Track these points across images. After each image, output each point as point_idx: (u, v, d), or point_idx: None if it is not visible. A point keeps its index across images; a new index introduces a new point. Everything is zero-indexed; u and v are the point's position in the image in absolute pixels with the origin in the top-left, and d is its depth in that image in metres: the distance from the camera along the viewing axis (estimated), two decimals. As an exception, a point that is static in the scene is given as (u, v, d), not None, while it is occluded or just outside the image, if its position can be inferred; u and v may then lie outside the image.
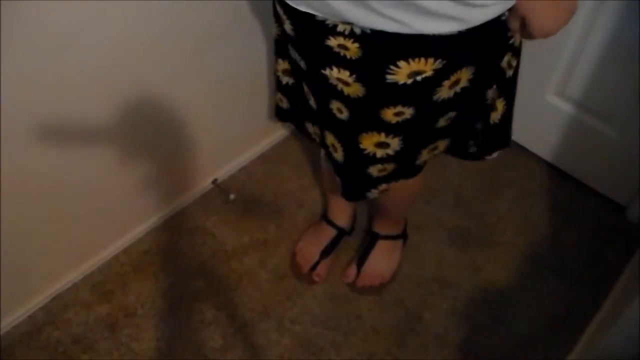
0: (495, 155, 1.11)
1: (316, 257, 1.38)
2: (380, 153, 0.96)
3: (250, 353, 1.27)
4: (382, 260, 1.37)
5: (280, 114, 1.20)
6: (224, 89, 1.38)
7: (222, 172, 1.57)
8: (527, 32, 0.80)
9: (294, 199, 1.54)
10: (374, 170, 1.01)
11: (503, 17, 0.79)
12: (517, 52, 0.94)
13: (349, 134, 0.95)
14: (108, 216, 1.35)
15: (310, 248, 1.39)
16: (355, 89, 0.85)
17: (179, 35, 1.17)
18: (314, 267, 1.37)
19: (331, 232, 1.40)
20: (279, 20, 0.94)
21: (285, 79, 1.09)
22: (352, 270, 1.37)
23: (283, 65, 1.06)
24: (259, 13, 1.29)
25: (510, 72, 0.95)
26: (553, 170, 1.60)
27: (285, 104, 1.15)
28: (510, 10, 0.78)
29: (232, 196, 1.51)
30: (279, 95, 1.15)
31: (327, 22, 0.79)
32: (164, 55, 1.18)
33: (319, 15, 0.79)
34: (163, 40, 1.15)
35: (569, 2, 0.77)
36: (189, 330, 1.31)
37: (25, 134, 1.05)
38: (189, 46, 1.22)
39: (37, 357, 1.27)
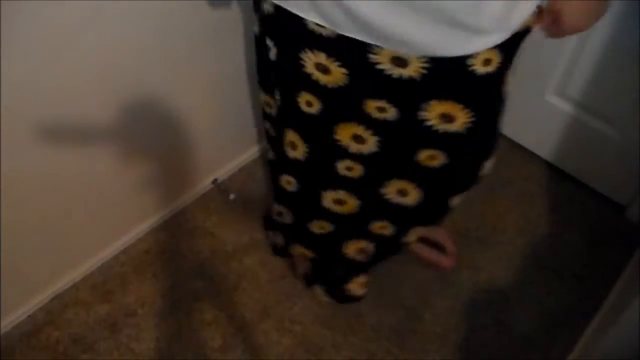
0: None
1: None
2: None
3: (250, 353, 1.27)
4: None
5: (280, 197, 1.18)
6: (224, 89, 1.38)
7: (222, 172, 1.57)
8: (557, 29, 0.80)
9: (294, 199, 1.54)
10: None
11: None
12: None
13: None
14: (108, 216, 1.35)
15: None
16: None
17: (178, 35, 1.17)
18: None
19: None
20: None
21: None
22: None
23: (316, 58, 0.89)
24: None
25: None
26: (553, 170, 1.60)
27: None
28: (539, 6, 0.78)
29: (232, 196, 1.51)
30: (286, 177, 1.09)
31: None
32: (163, 55, 1.18)
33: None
34: (162, 40, 1.15)
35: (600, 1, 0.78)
36: (189, 330, 1.31)
37: (25, 134, 1.05)
38: (188, 46, 1.22)
39: (37, 357, 1.26)
